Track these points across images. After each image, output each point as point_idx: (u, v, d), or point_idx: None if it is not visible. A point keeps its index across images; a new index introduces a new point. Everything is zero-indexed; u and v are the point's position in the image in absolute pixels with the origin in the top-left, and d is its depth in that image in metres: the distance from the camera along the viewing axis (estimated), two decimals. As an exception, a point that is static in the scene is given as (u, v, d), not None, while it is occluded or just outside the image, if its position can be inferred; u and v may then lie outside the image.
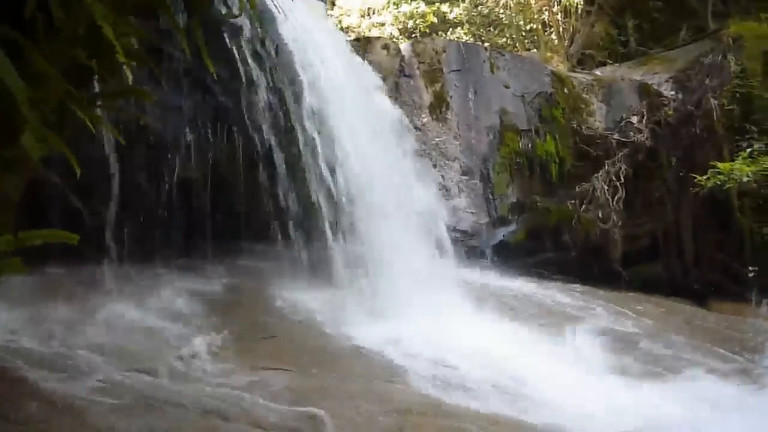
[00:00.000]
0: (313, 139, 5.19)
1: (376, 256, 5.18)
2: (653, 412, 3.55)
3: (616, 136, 8.06)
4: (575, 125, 8.00)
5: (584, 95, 8.31)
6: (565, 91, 8.14)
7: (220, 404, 3.02)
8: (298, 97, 5.25)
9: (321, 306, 4.77)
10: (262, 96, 5.23)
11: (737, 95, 8.30)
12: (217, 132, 5.37)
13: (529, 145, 7.61)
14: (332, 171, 5.26)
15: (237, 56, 5.07)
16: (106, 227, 4.65)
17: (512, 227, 7.27)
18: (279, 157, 5.24)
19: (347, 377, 3.69)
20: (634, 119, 8.19)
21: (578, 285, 6.80)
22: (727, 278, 8.10)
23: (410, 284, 5.03)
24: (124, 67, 2.64)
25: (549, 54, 10.86)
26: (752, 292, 7.46)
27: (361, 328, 4.38)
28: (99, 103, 2.68)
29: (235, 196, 5.38)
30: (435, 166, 7.05)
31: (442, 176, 7.03)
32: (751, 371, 3.98)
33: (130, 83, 3.02)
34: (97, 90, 2.64)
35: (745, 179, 6.44)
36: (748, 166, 6.45)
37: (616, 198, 7.74)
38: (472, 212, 7.07)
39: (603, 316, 5.84)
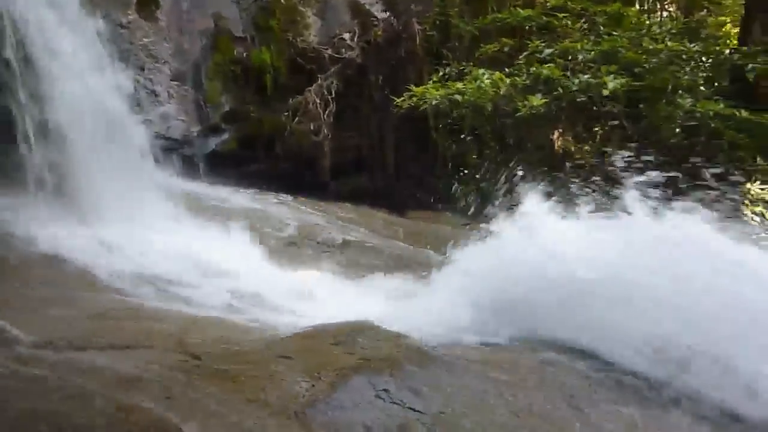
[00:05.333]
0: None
1: (76, 161, 4.80)
2: (346, 306, 3.86)
3: (329, 52, 8.29)
4: (291, 37, 8.05)
5: (300, 8, 8.34)
6: (282, 1, 8.10)
7: None
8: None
9: (11, 213, 4.32)
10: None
11: (437, 22, 9.02)
12: None
13: (244, 54, 7.50)
14: (24, 71, 4.71)
15: None
16: None
17: (225, 136, 7.19)
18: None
19: (38, 285, 3.44)
20: (347, 36, 8.48)
21: (289, 195, 7.02)
22: (422, 190, 8.99)
23: (114, 191, 4.78)
24: None
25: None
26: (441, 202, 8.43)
27: (57, 235, 4.08)
28: None
29: None
30: (143, 69, 6.62)
31: (151, 80, 6.64)
32: (431, 266, 4.51)
33: None
34: None
35: (434, 102, 7.10)
36: (437, 89, 7.12)
37: (327, 112, 8.04)
38: (183, 120, 6.83)
39: (311, 224, 6.14)
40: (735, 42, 8.22)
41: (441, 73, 7.90)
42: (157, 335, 2.86)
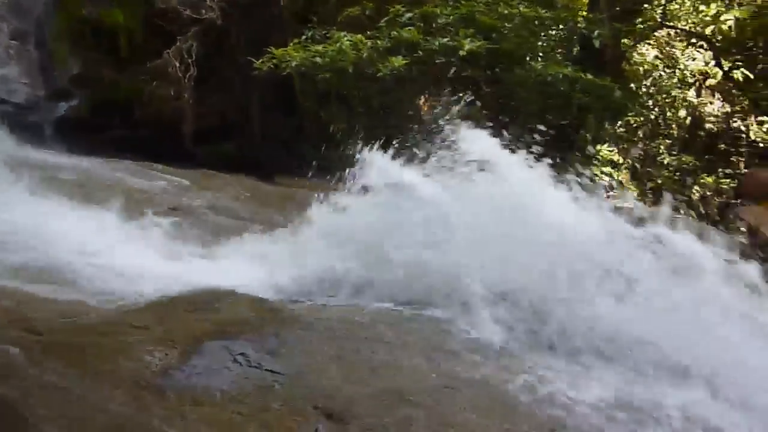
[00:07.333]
0: None
1: None
2: (200, 272, 3.74)
3: (188, 12, 7.94)
4: (146, -4, 7.64)
5: (155, -35, 7.92)
6: (135, -43, 7.65)
7: None
8: None
9: None
10: None
11: (302, -15, 8.89)
12: None
13: (94, 13, 7.02)
14: None
15: None
16: None
17: (75, 101, 6.74)
18: None
19: None
20: (207, -4, 8.17)
21: (150, 163, 6.70)
22: (290, 156, 8.88)
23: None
24: None
25: None
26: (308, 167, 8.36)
27: None
28: None
29: None
30: (-25, 27, 6.07)
31: (-13, 39, 6.11)
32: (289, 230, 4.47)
33: None
34: None
35: (294, 64, 7.01)
36: (298, 51, 7.03)
37: (188, 75, 7.73)
38: (26, 83, 6.34)
39: (172, 192, 5.90)
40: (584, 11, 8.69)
41: (304, 37, 7.80)
42: (-9, 312, 2.67)
